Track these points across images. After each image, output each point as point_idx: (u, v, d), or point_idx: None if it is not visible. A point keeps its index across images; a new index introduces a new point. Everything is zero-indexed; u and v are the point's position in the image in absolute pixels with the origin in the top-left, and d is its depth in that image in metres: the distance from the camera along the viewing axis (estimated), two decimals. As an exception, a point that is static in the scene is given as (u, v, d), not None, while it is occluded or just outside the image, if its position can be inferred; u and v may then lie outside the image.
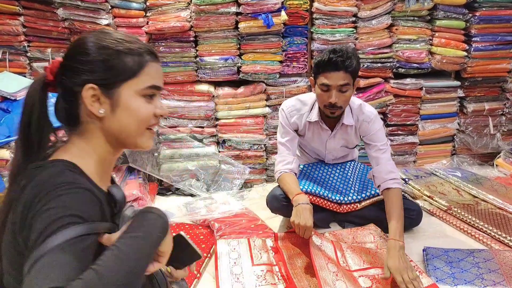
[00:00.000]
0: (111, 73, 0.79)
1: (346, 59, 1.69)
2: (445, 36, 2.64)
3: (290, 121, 1.98)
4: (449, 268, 1.64)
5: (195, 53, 2.53)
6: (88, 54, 0.78)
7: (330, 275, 1.51)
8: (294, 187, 1.83)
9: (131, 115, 0.81)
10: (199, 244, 1.91)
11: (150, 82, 0.82)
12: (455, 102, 2.82)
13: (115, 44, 0.80)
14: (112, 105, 0.80)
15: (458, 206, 2.12)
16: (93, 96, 0.78)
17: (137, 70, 0.81)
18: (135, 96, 0.81)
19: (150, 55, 0.83)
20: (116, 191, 0.82)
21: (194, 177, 2.59)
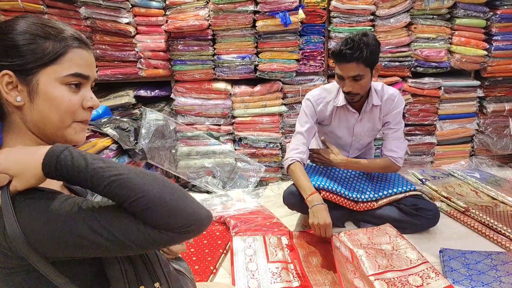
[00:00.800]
0: (27, 58, 0.72)
1: (355, 51, 1.70)
2: (465, 34, 2.60)
3: (317, 110, 2.00)
4: (466, 270, 1.62)
5: (213, 52, 2.56)
6: (2, 39, 0.73)
7: (349, 273, 1.51)
8: (307, 184, 1.84)
9: (52, 104, 0.75)
10: (215, 240, 1.94)
11: (73, 69, 0.76)
12: (475, 102, 2.77)
13: (33, 28, 0.74)
14: (30, 93, 0.74)
15: (476, 207, 2.09)
16: (9, 83, 0.73)
17: (57, 56, 0.74)
18: (55, 84, 0.75)
19: (75, 41, 0.77)
20: None
21: (210, 174, 2.62)
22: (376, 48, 1.78)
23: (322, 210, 1.71)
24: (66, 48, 0.75)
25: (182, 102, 2.61)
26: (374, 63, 1.80)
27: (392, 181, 2.08)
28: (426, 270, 1.61)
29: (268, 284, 1.60)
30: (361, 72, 1.76)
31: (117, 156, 2.24)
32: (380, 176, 2.13)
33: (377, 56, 1.81)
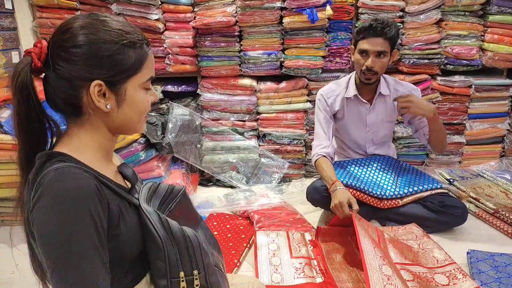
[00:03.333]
0: (116, 69, 0.77)
1: (385, 27, 1.82)
2: (498, 32, 2.52)
3: (328, 103, 2.07)
4: (494, 273, 1.58)
5: (239, 48, 2.57)
6: (85, 47, 0.74)
7: (377, 260, 1.45)
8: (330, 175, 1.85)
9: (135, 108, 0.82)
10: (239, 234, 1.96)
11: (149, 74, 0.83)
12: (507, 102, 2.69)
13: (118, 37, 0.77)
14: (118, 100, 0.80)
15: (506, 209, 2.03)
16: (99, 92, 0.77)
17: (140, 65, 0.80)
18: (138, 90, 0.82)
19: (147, 45, 0.82)
20: (125, 169, 0.86)
21: (234, 169, 2.64)
22: (399, 32, 1.91)
23: (340, 192, 1.73)
24: (145, 56, 0.81)
25: (208, 98, 2.65)
26: (395, 45, 1.90)
27: (418, 178, 2.05)
28: (453, 271, 1.58)
29: (291, 279, 1.60)
30: (386, 49, 1.85)
31: (145, 150, 2.30)
32: (405, 173, 2.10)
33: (397, 40, 1.92)
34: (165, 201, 0.89)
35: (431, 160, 2.78)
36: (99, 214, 0.71)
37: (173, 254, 0.80)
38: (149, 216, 0.80)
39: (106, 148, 0.85)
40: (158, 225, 0.80)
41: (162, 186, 0.91)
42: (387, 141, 2.21)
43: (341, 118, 2.10)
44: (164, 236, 0.79)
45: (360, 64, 1.91)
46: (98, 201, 0.71)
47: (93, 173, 0.75)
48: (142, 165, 2.28)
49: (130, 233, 0.79)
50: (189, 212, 0.97)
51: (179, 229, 0.82)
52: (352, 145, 2.20)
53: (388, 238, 1.76)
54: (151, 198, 0.87)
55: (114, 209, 0.76)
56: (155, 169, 2.29)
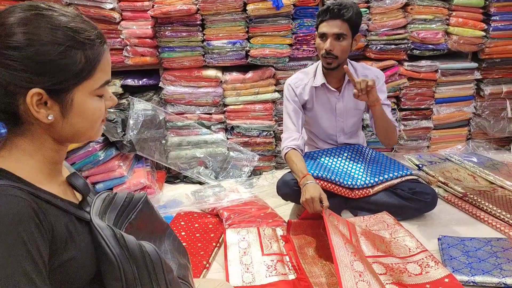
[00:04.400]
0: (60, 76, 0.66)
1: (342, 8, 1.78)
2: (462, 15, 2.52)
3: (297, 93, 2.01)
4: (465, 258, 1.58)
5: (202, 37, 2.46)
6: (23, 49, 0.63)
7: (348, 256, 1.43)
8: (301, 168, 1.82)
9: (85, 118, 0.72)
10: (208, 233, 1.88)
11: (104, 78, 0.73)
12: (472, 85, 2.71)
13: (62, 37, 0.65)
14: (63, 111, 0.69)
15: (474, 192, 2.05)
16: (39, 100, 0.66)
17: (91, 69, 0.69)
18: (89, 98, 0.71)
19: (101, 44, 0.71)
20: (75, 179, 0.76)
21: (202, 165, 2.56)
22: (360, 15, 1.86)
23: (310, 186, 1.70)
24: (98, 58, 0.70)
25: (171, 91, 2.53)
26: (356, 29, 1.86)
27: (388, 166, 2.03)
28: (425, 259, 1.57)
29: (263, 277, 1.55)
30: (344, 31, 1.81)
31: (104, 149, 2.16)
32: (375, 161, 2.07)
33: (360, 23, 1.88)
34: (123, 212, 0.80)
35: (400, 146, 2.78)
36: (36, 242, 0.61)
37: (130, 272, 0.72)
38: (102, 232, 0.71)
39: (53, 160, 0.74)
40: (112, 241, 0.71)
41: (119, 196, 0.82)
42: (357, 129, 2.18)
43: (311, 108, 2.05)
44: (119, 253, 0.71)
45: (320, 48, 1.88)
46: (35, 227, 0.62)
47: (33, 192, 0.65)
48: (102, 165, 2.14)
49: (83, 256, 0.70)
50: (153, 222, 0.88)
51: (136, 245, 0.73)
52: (322, 136, 2.15)
53: (360, 231, 1.74)
54: (106, 211, 0.78)
55: (61, 232, 0.67)
56: (116, 169, 2.16)
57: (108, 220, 0.76)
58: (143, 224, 0.84)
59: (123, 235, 0.72)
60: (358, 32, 1.89)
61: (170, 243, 0.91)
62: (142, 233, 0.81)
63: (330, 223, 1.58)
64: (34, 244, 0.61)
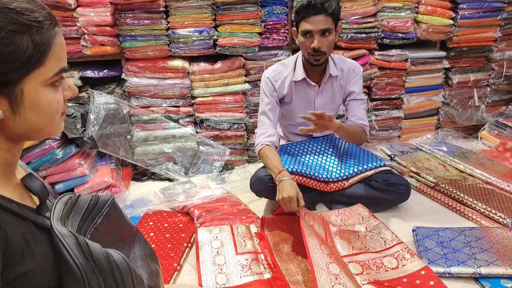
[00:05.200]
0: (3, 67, 0.59)
1: (325, 2, 1.69)
2: (431, 3, 2.52)
3: (276, 87, 1.91)
4: (440, 249, 1.58)
5: (166, 25, 2.32)
6: None
7: (324, 258, 1.41)
8: (276, 164, 1.76)
9: (40, 112, 0.64)
10: (178, 233, 1.79)
11: (58, 66, 0.65)
12: (441, 74, 2.74)
13: (2, 20, 0.58)
14: (13, 105, 0.61)
15: (445, 182, 2.07)
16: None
17: (41, 56, 0.61)
18: (42, 89, 0.63)
19: (52, 26, 0.63)
20: (31, 181, 0.68)
21: (171, 160, 2.44)
22: (339, 3, 1.79)
23: (287, 184, 1.64)
24: (49, 42, 0.62)
25: (135, 83, 2.38)
26: (338, 20, 1.78)
27: (362, 158, 2.01)
28: (401, 251, 1.56)
29: (237, 278, 1.48)
30: (329, 26, 1.73)
31: (62, 147, 2.01)
32: (349, 153, 2.05)
33: (340, 13, 1.81)
34: (88, 216, 0.73)
35: (372, 136, 2.78)
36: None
37: (96, 285, 0.65)
38: (63, 240, 0.64)
39: (6, 162, 0.67)
40: (75, 251, 0.64)
41: (83, 198, 0.74)
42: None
43: (289, 102, 1.97)
44: (83, 264, 0.64)
45: (306, 46, 1.77)
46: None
47: None
48: (61, 164, 1.99)
49: (41, 267, 0.64)
50: (121, 226, 0.81)
51: (103, 254, 0.66)
52: (297, 130, 2.09)
53: (334, 230, 1.70)
54: (69, 215, 0.70)
55: (16, 241, 0.60)
56: (77, 167, 2.02)
57: (71, 226, 0.69)
58: (110, 229, 0.77)
59: (87, 243, 0.66)
60: (339, 22, 1.82)
61: (140, 249, 0.85)
62: (110, 239, 0.75)
63: (305, 224, 1.54)
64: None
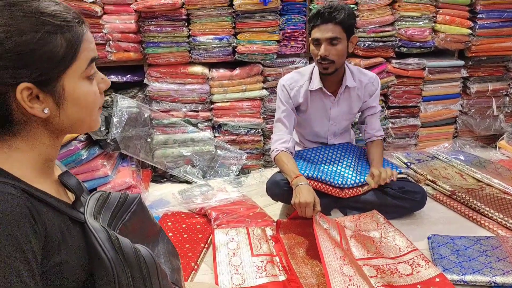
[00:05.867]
0: (45, 66, 0.63)
1: (333, 11, 1.73)
2: (449, 12, 2.53)
3: (291, 95, 1.94)
4: (455, 257, 1.58)
5: (187, 33, 2.39)
6: (4, 43, 0.59)
7: (337, 260, 1.43)
8: (292, 169, 1.78)
9: (80, 105, 0.69)
10: (196, 234, 1.83)
11: (90, 56, 0.69)
12: (458, 83, 2.73)
13: (35, 23, 0.61)
14: (57, 101, 0.66)
15: (462, 190, 2.06)
16: (30, 95, 0.63)
17: (75, 52, 0.66)
18: (80, 82, 0.68)
19: (79, 24, 0.67)
20: (67, 178, 0.72)
21: (189, 163, 2.50)
22: (353, 16, 1.83)
23: (304, 189, 1.66)
24: (79, 38, 0.66)
25: (156, 88, 2.46)
26: (351, 30, 1.80)
27: (377, 165, 2.02)
28: (415, 258, 1.56)
29: (253, 279, 1.52)
30: (338, 35, 1.75)
31: (86, 148, 2.09)
32: (365, 160, 2.07)
33: (354, 24, 1.83)
34: (117, 212, 0.77)
35: (388, 143, 2.78)
36: (30, 242, 0.59)
37: (124, 277, 0.69)
38: (96, 234, 0.68)
39: (47, 157, 0.71)
40: (106, 245, 0.68)
41: (113, 196, 0.79)
42: (347, 130, 2.17)
43: (304, 110, 2.00)
44: (114, 257, 0.68)
45: (315, 54, 1.81)
46: (29, 226, 0.59)
47: (26, 189, 0.63)
48: (85, 164, 2.07)
49: (75, 258, 0.68)
50: (146, 224, 0.86)
51: (131, 248, 0.70)
52: (312, 138, 2.13)
53: (350, 233, 1.72)
54: (100, 211, 0.75)
55: (54, 233, 0.64)
56: (100, 168, 2.09)
57: (102, 221, 0.73)
58: (137, 226, 0.81)
59: (118, 238, 0.70)
60: (354, 33, 1.83)
61: (163, 246, 0.89)
62: (136, 235, 0.79)
63: (319, 227, 1.56)
64: (28, 244, 0.59)
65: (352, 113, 2.06)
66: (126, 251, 0.69)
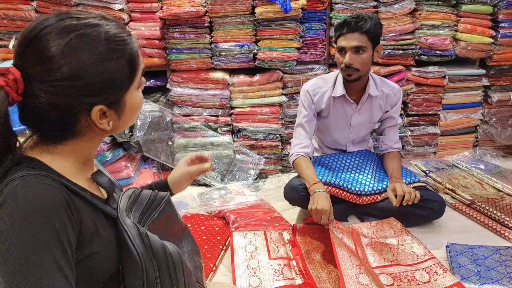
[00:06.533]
0: (115, 89, 0.70)
1: (360, 21, 1.74)
2: (471, 21, 2.52)
3: (314, 101, 1.96)
4: (474, 266, 1.57)
5: (210, 40, 2.46)
6: (77, 77, 0.65)
7: (353, 268, 1.45)
8: (311, 175, 1.80)
9: (135, 111, 0.77)
10: (215, 236, 1.87)
11: (142, 69, 0.76)
12: (479, 92, 2.71)
13: (104, 53, 0.67)
14: (119, 114, 0.74)
15: (482, 200, 2.04)
16: (99, 113, 0.70)
17: (135, 70, 0.73)
18: (135, 93, 0.75)
19: (130, 38, 0.72)
20: (100, 177, 0.77)
21: (208, 167, 2.55)
22: (379, 25, 1.82)
23: (321, 196, 1.68)
24: (135, 55, 0.72)
25: (178, 93, 2.53)
26: (376, 40, 1.81)
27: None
28: (433, 266, 1.56)
29: (270, 281, 1.54)
30: (363, 44, 1.76)
31: (111, 149, 2.16)
32: (383, 168, 2.07)
33: (379, 34, 1.83)
34: (147, 209, 0.82)
35: (406, 151, 2.77)
36: (67, 231, 0.63)
37: (152, 272, 0.73)
38: (128, 230, 0.72)
39: (88, 156, 0.77)
40: (137, 240, 0.72)
41: (144, 193, 0.83)
42: (365, 139, 2.18)
43: (326, 116, 2.02)
44: (143, 252, 0.72)
45: (339, 62, 1.83)
46: (67, 217, 0.64)
47: (65, 183, 0.67)
48: (109, 165, 2.14)
49: (106, 252, 0.72)
50: (173, 222, 0.89)
51: (160, 245, 0.74)
52: (331, 144, 2.15)
53: (366, 241, 1.73)
54: (132, 208, 0.79)
55: (88, 225, 0.69)
56: (123, 169, 2.16)
57: (133, 217, 0.78)
58: (164, 224, 0.84)
59: (147, 234, 0.73)
60: (379, 43, 1.84)
61: (187, 244, 0.92)
62: (163, 232, 0.82)
63: (335, 236, 1.59)
64: (65, 234, 0.63)
65: (373, 122, 2.07)
66: (155, 247, 0.73)
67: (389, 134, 2.07)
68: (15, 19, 2.35)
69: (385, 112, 2.03)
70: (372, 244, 1.72)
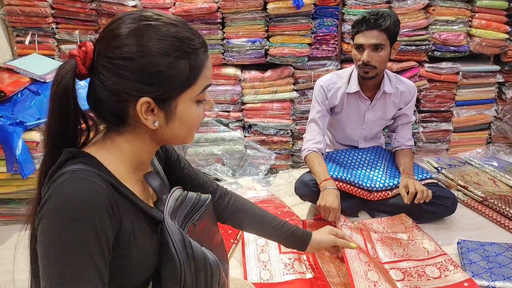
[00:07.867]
0: (168, 86, 0.69)
1: (379, 18, 1.71)
2: (485, 17, 2.48)
3: (328, 96, 1.95)
4: (486, 263, 1.57)
5: (222, 35, 2.48)
6: (135, 60, 0.66)
7: (362, 266, 1.46)
8: (322, 171, 1.81)
9: (185, 124, 0.73)
10: (226, 229, 1.90)
11: (206, 83, 0.74)
12: (494, 88, 2.67)
13: (170, 46, 0.67)
14: (167, 117, 0.72)
15: (494, 197, 2.02)
16: (147, 108, 0.69)
17: (195, 77, 0.71)
18: (190, 105, 0.73)
19: (204, 52, 0.72)
20: (151, 180, 0.78)
21: (219, 162, 2.58)
22: (398, 22, 1.79)
23: (331, 193, 1.69)
24: (201, 66, 0.72)
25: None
26: (394, 37, 1.79)
27: (407, 169, 2.02)
28: (444, 262, 1.56)
29: (280, 275, 1.56)
30: (382, 41, 1.74)
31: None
32: (394, 165, 2.06)
33: (398, 31, 1.81)
34: (190, 211, 0.82)
35: (418, 148, 2.76)
36: (105, 230, 0.64)
37: (189, 278, 0.73)
38: (172, 236, 0.72)
39: (142, 160, 0.77)
40: (179, 246, 0.72)
41: (189, 196, 0.83)
42: (377, 136, 2.17)
43: (339, 112, 2.01)
44: (184, 258, 0.72)
45: (357, 59, 1.81)
46: (107, 216, 0.65)
47: (113, 183, 0.68)
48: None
49: (142, 256, 0.72)
50: (211, 225, 0.89)
51: (201, 254, 0.75)
52: (343, 140, 2.15)
53: (376, 237, 1.74)
54: (177, 210, 0.79)
55: (127, 228, 0.70)
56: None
57: (177, 220, 0.78)
58: (203, 227, 0.84)
59: (190, 242, 0.74)
60: (397, 40, 1.83)
61: (222, 251, 0.92)
62: (201, 235, 0.81)
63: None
64: (104, 232, 0.63)
65: (386, 119, 2.06)
66: (196, 255, 0.74)
67: (402, 131, 2.06)
68: (31, 15, 2.40)
69: (399, 109, 2.02)
70: (382, 239, 1.72)
